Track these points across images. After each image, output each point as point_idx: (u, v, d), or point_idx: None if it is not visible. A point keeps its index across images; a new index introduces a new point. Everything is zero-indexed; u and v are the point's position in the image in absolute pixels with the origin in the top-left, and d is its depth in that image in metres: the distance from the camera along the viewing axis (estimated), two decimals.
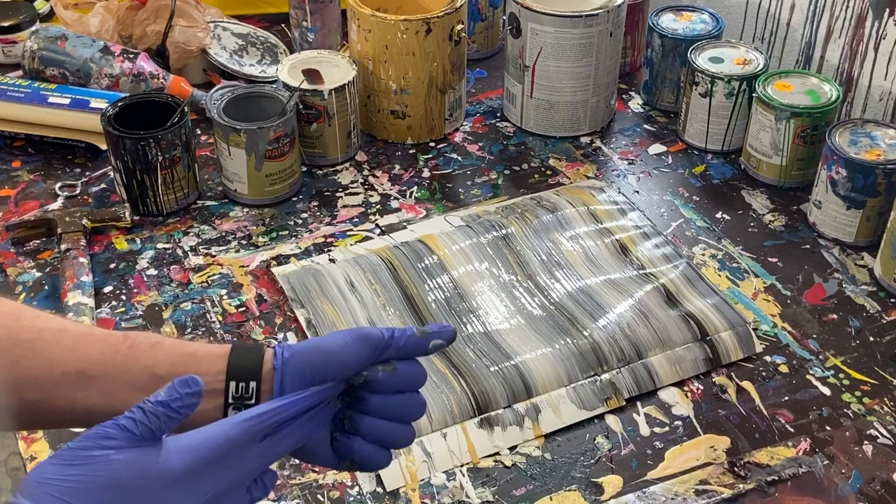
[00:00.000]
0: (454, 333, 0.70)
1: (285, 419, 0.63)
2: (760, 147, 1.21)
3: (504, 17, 1.37)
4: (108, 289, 1.08)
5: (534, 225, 1.14)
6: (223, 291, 1.08)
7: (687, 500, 0.87)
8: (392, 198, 1.21)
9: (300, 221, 1.17)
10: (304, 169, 1.24)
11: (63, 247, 1.10)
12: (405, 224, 1.17)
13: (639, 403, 0.96)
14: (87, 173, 1.24)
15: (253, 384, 0.66)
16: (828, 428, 0.94)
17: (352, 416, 0.68)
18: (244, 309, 1.06)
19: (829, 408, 0.96)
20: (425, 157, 1.28)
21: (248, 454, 0.61)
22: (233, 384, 0.66)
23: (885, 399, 0.96)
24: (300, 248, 1.13)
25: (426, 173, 1.25)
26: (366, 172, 1.25)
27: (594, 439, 0.93)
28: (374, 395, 0.68)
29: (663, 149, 1.30)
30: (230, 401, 0.66)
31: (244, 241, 1.14)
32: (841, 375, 0.99)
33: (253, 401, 0.66)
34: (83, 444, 0.58)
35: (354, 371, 0.67)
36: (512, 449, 0.92)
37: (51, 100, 1.25)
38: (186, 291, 1.08)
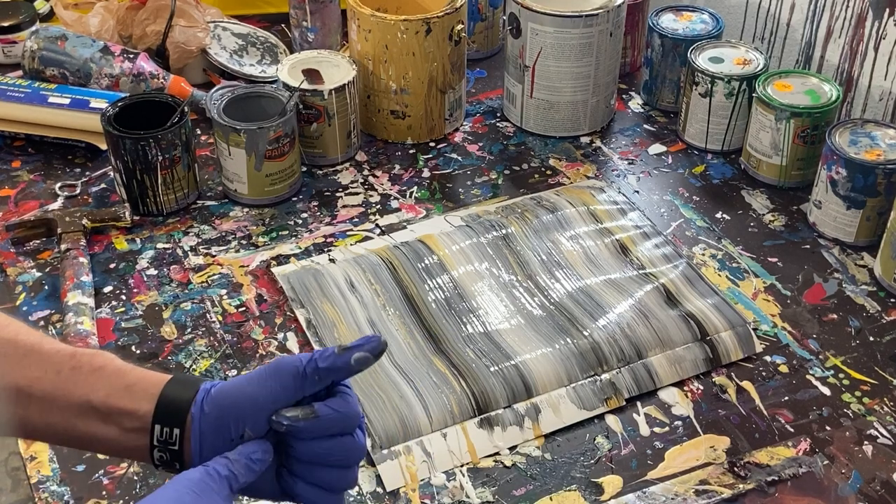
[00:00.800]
0: (380, 343, 0.65)
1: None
2: (760, 147, 1.21)
3: (504, 17, 1.37)
4: (108, 289, 1.08)
5: (534, 225, 1.14)
6: (223, 291, 1.08)
7: (687, 500, 0.87)
8: (392, 198, 1.21)
9: (300, 221, 1.17)
10: (304, 169, 1.24)
11: (63, 247, 1.10)
12: (405, 224, 1.17)
13: (639, 403, 0.96)
14: (87, 173, 1.24)
15: (177, 431, 0.64)
16: (828, 428, 0.94)
17: (286, 459, 0.65)
18: (244, 309, 1.06)
19: (829, 408, 0.96)
20: (425, 157, 1.28)
21: None
22: (157, 428, 0.64)
23: (885, 399, 0.96)
24: (300, 248, 1.13)
25: (426, 173, 1.25)
26: (366, 172, 1.25)
27: (594, 439, 0.93)
28: (301, 441, 0.65)
29: (663, 149, 1.30)
30: (155, 443, 0.65)
31: (244, 241, 1.14)
32: (841, 375, 0.99)
33: (176, 447, 0.64)
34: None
35: (272, 409, 0.63)
36: (512, 449, 0.92)
37: (51, 100, 1.25)
38: (186, 291, 1.08)
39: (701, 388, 0.98)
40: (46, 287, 1.08)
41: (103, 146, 1.21)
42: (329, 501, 0.67)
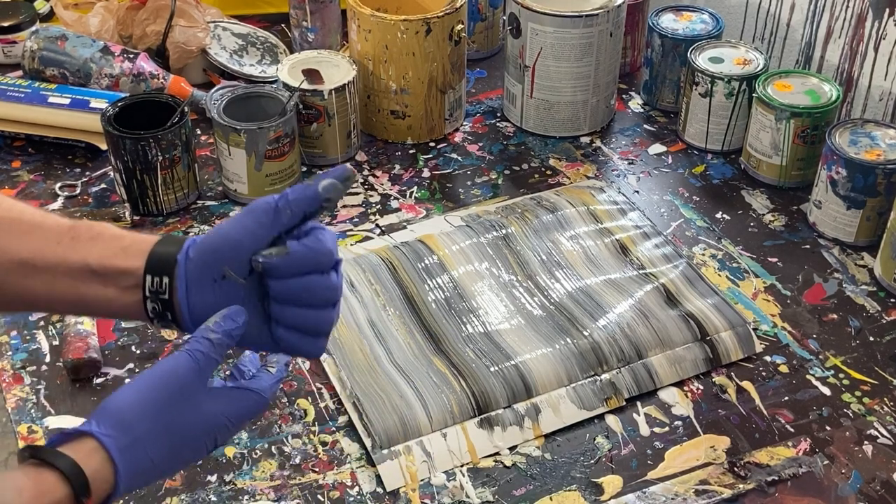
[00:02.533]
0: (346, 170, 0.67)
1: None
2: (760, 147, 1.21)
3: (504, 17, 1.37)
4: None
5: (534, 225, 1.14)
6: None
7: (687, 500, 0.87)
8: (392, 198, 1.21)
9: None
10: (304, 169, 1.24)
11: None
12: (405, 224, 1.17)
13: (639, 403, 0.96)
14: (87, 173, 1.24)
15: (166, 280, 0.67)
16: (828, 428, 0.94)
17: (267, 302, 0.67)
18: None
19: (829, 408, 0.96)
20: (425, 157, 1.28)
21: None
22: (148, 278, 0.67)
23: (885, 399, 0.96)
24: None
25: (426, 173, 1.25)
26: (366, 172, 1.25)
27: (594, 439, 0.93)
28: (275, 281, 0.66)
29: (663, 149, 1.30)
30: (147, 294, 0.68)
31: None
32: (841, 375, 0.99)
33: (166, 295, 0.67)
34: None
35: (250, 247, 0.66)
36: (512, 449, 0.92)
37: (51, 100, 1.25)
38: None
39: (701, 388, 0.98)
40: None
41: (103, 146, 1.21)
42: (308, 345, 0.69)
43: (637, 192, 1.22)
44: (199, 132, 1.30)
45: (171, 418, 0.64)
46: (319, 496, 0.88)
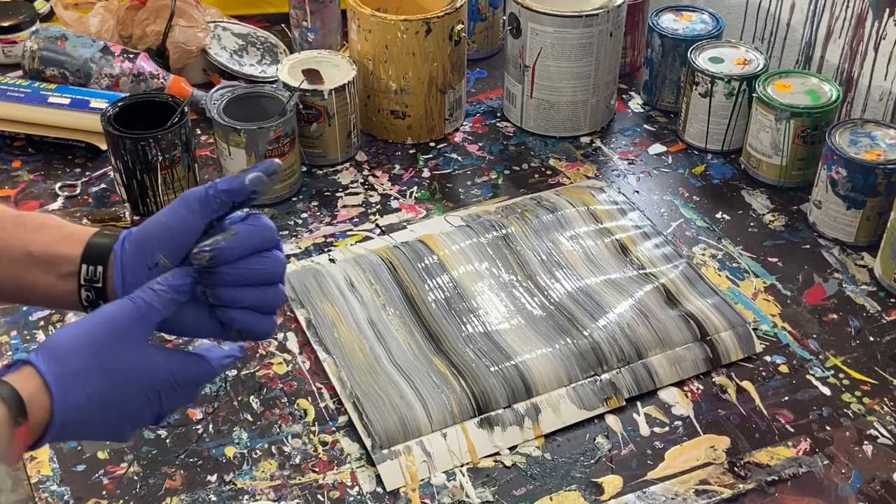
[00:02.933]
0: (273, 165, 0.69)
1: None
2: (760, 147, 1.21)
3: (504, 17, 1.37)
4: None
5: (534, 225, 1.14)
6: None
7: (687, 500, 0.87)
8: (392, 198, 1.21)
9: (300, 221, 1.17)
10: (304, 169, 1.24)
11: None
12: (405, 224, 1.17)
13: (639, 403, 0.96)
14: (87, 173, 1.24)
15: (100, 268, 0.70)
16: (828, 428, 0.94)
17: (212, 292, 0.69)
18: None
19: (829, 408, 0.96)
20: (425, 157, 1.28)
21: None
22: (84, 267, 0.70)
23: (885, 399, 0.96)
24: (300, 248, 1.13)
25: (426, 173, 1.25)
26: (366, 172, 1.25)
27: (594, 439, 0.93)
28: (228, 265, 0.68)
29: (663, 149, 1.30)
30: (82, 282, 0.70)
31: None
32: (841, 375, 0.99)
33: (100, 283, 0.70)
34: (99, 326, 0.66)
35: (183, 233, 0.68)
36: (512, 449, 0.92)
37: (51, 100, 1.25)
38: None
39: (701, 388, 0.98)
40: None
41: (103, 146, 1.21)
42: (263, 324, 0.71)
43: (637, 192, 1.22)
44: (199, 132, 1.30)
45: (110, 359, 0.65)
46: (319, 496, 0.88)
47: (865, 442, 0.92)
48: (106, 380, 0.65)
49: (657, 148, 1.30)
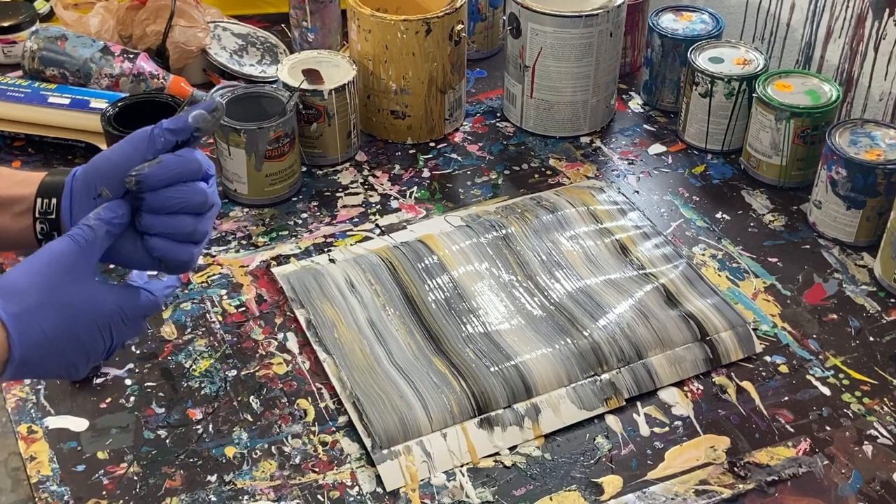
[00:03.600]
0: (215, 103, 0.73)
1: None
2: (760, 147, 1.21)
3: (504, 17, 1.37)
4: None
5: (534, 225, 1.14)
6: (223, 291, 1.08)
7: (687, 500, 0.87)
8: (392, 198, 1.21)
9: (300, 221, 1.17)
10: (304, 169, 1.24)
11: None
12: (405, 224, 1.17)
13: (639, 403, 0.96)
14: None
15: (54, 200, 0.75)
16: (828, 428, 0.94)
17: (139, 217, 0.73)
18: (244, 309, 1.06)
19: (829, 408, 0.96)
20: (425, 157, 1.28)
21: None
22: (38, 201, 0.75)
23: (885, 399, 0.96)
24: (300, 248, 1.13)
25: (426, 173, 1.25)
26: (366, 172, 1.25)
27: (594, 439, 0.93)
28: (150, 193, 0.72)
29: (663, 149, 1.30)
30: (36, 215, 0.75)
31: (244, 241, 1.14)
32: (841, 375, 0.99)
33: (53, 215, 0.75)
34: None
35: (125, 168, 0.72)
36: (512, 449, 0.92)
37: (51, 100, 1.25)
38: (186, 291, 1.08)
39: (701, 388, 0.98)
40: None
41: (103, 146, 1.21)
42: (180, 252, 0.75)
43: (637, 192, 1.22)
44: None
45: (61, 294, 0.69)
46: (319, 496, 0.88)
47: (865, 442, 0.92)
48: (59, 315, 0.68)
49: (657, 148, 1.30)
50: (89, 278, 0.70)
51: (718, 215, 1.19)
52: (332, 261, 1.10)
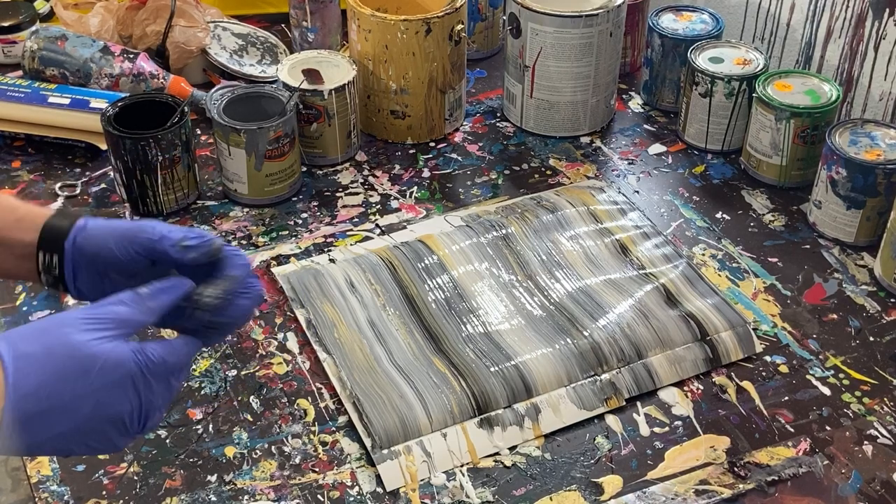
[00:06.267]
0: (211, 246, 0.71)
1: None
2: (760, 147, 1.21)
3: (504, 17, 1.37)
4: None
5: (534, 225, 1.14)
6: None
7: (687, 500, 0.87)
8: (392, 198, 1.21)
9: (300, 221, 1.17)
10: (304, 169, 1.24)
11: None
12: (405, 224, 1.17)
13: (639, 403, 0.96)
14: (87, 173, 1.24)
15: (56, 257, 0.73)
16: (828, 428, 0.94)
17: (193, 314, 0.70)
18: None
19: (829, 408, 0.96)
20: (425, 157, 1.28)
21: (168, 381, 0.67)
22: (41, 255, 0.73)
23: (885, 399, 0.96)
24: (300, 248, 1.13)
25: (426, 173, 1.25)
26: (366, 172, 1.25)
27: (594, 439, 0.93)
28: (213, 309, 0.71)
29: (663, 149, 1.30)
30: (40, 268, 0.74)
31: (244, 241, 1.14)
32: (841, 375, 0.99)
33: (57, 272, 0.73)
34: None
35: (126, 264, 0.72)
36: (512, 449, 0.92)
37: (51, 100, 1.25)
38: None
39: (701, 388, 0.98)
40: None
41: (103, 146, 1.21)
42: (215, 340, 0.74)
43: (637, 192, 1.22)
44: (199, 132, 1.30)
45: (68, 347, 0.63)
46: (319, 496, 0.88)
47: (865, 442, 0.92)
48: (62, 361, 0.63)
49: (657, 148, 1.30)
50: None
51: (718, 215, 1.19)
52: (332, 261, 1.10)
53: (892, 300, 1.07)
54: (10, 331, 0.64)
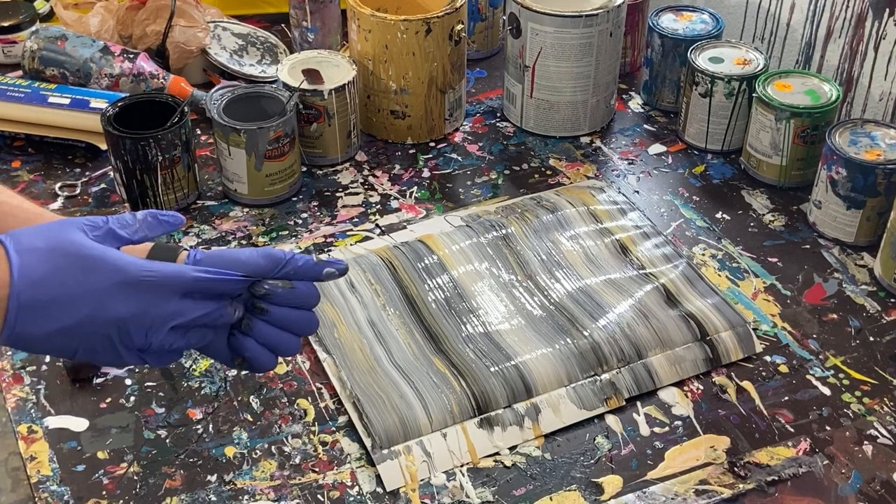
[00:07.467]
0: (346, 267, 0.78)
1: (210, 285, 0.70)
2: (760, 147, 1.21)
3: (504, 17, 1.37)
4: None
5: (534, 225, 1.14)
6: None
7: (687, 500, 0.87)
8: (392, 198, 1.21)
9: (300, 221, 1.17)
10: (304, 169, 1.24)
11: None
12: (405, 224, 1.17)
13: (639, 403, 0.96)
14: (87, 173, 1.24)
15: None
16: (828, 428, 0.94)
17: (249, 319, 0.75)
18: None
19: (829, 408, 0.96)
20: (425, 157, 1.28)
21: (169, 300, 0.68)
22: None
23: (885, 399, 0.96)
24: (300, 248, 1.13)
25: (426, 173, 1.25)
26: (366, 172, 1.25)
27: (594, 439, 0.93)
28: (272, 306, 0.75)
29: (663, 149, 1.30)
30: None
31: (244, 241, 1.14)
32: (841, 375, 0.99)
33: None
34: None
35: (254, 279, 0.74)
36: (512, 449, 0.92)
37: (51, 100, 1.25)
38: None
39: (701, 388, 0.98)
40: None
41: (103, 146, 1.21)
42: (269, 360, 0.77)
43: (637, 192, 1.22)
44: (199, 132, 1.30)
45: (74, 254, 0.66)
46: (319, 496, 0.88)
47: (865, 442, 0.92)
48: (65, 258, 0.65)
49: (657, 148, 1.30)
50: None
51: (718, 215, 1.19)
52: None
53: (892, 300, 1.07)
54: (16, 229, 0.66)
